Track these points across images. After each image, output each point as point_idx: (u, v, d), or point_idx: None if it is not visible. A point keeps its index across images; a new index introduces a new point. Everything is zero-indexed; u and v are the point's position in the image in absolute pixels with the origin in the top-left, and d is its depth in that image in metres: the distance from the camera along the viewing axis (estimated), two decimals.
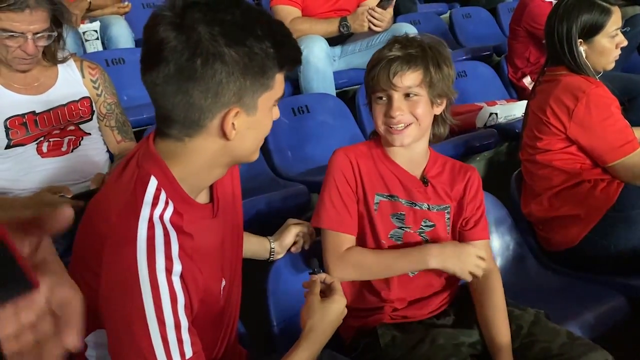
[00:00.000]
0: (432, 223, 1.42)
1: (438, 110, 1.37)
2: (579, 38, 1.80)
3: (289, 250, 1.47)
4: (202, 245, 0.97)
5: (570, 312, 1.61)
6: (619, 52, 1.85)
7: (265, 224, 1.77)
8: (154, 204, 0.91)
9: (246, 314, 1.37)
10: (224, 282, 1.07)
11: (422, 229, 1.41)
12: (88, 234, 0.95)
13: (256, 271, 1.44)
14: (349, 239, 1.38)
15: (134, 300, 0.86)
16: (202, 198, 1.03)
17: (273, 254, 1.44)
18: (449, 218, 1.43)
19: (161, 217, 0.91)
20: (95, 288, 0.89)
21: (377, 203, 1.39)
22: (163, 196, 0.93)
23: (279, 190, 2.01)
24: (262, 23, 0.90)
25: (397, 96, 1.31)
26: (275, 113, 1.00)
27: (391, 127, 1.32)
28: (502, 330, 1.34)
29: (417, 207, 1.40)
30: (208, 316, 1.01)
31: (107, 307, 0.89)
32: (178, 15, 0.87)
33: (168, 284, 0.87)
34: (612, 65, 1.87)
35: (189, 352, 0.89)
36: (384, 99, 1.33)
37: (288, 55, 0.94)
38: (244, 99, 0.91)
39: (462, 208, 1.43)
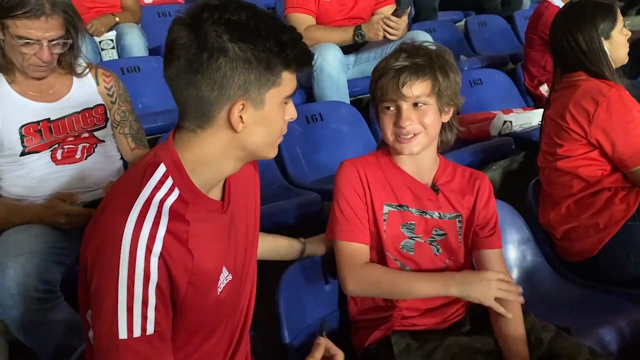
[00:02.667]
0: (443, 232, 1.40)
1: (446, 118, 1.37)
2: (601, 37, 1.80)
3: None
4: (203, 233, 1.01)
5: (588, 325, 1.57)
6: (627, 44, 1.86)
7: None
8: (157, 187, 0.97)
9: (260, 328, 1.35)
10: (227, 273, 1.09)
11: (433, 237, 1.40)
12: (96, 215, 0.99)
13: (270, 284, 1.43)
14: (363, 249, 1.37)
15: (112, 269, 0.91)
16: (214, 194, 1.07)
17: (304, 252, 1.48)
18: (460, 227, 1.41)
19: (162, 200, 0.96)
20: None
21: (386, 214, 1.38)
22: (169, 182, 0.98)
23: (292, 198, 2.00)
24: (268, 24, 0.96)
25: (406, 106, 1.31)
26: (291, 112, 1.05)
27: (400, 137, 1.33)
28: (518, 341, 1.32)
29: (427, 216, 1.39)
30: (205, 302, 1.03)
31: (90, 271, 0.94)
32: (191, 16, 0.96)
33: (145, 261, 0.92)
34: (627, 58, 1.87)
35: (150, 329, 0.92)
36: (392, 109, 1.33)
37: (293, 54, 0.98)
38: (249, 93, 0.96)
39: (474, 216, 1.42)
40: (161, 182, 0.97)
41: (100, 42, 3.00)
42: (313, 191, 2.05)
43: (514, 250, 1.90)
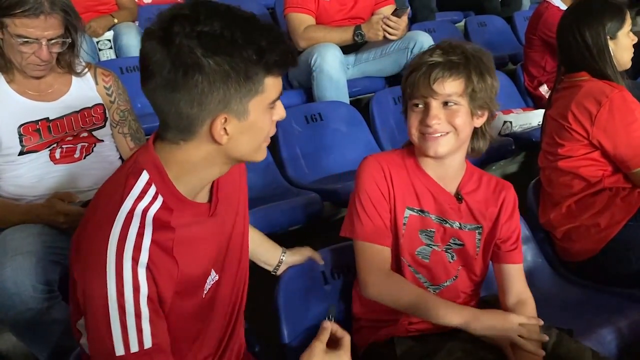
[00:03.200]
0: (461, 242, 1.36)
1: (478, 122, 1.29)
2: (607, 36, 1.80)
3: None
4: (189, 239, 0.99)
5: (590, 326, 1.57)
6: (632, 49, 1.85)
7: (279, 232, 1.75)
8: (140, 197, 0.95)
9: (260, 327, 1.35)
10: (214, 274, 1.08)
11: (449, 245, 1.36)
12: (81, 225, 0.99)
13: (268, 285, 1.43)
14: (387, 252, 1.32)
15: (100, 284, 0.89)
16: (201, 197, 1.05)
17: (278, 267, 1.44)
18: (479, 239, 1.37)
19: (145, 210, 0.94)
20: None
21: (406, 217, 1.33)
22: (152, 190, 0.96)
23: (292, 198, 2.00)
24: (243, 31, 0.91)
25: (435, 104, 1.25)
26: (279, 113, 1.01)
27: (426, 135, 1.26)
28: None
29: (447, 225, 1.35)
30: (190, 307, 1.02)
31: (79, 288, 0.93)
32: (162, 29, 0.90)
33: (132, 273, 0.90)
34: (630, 63, 1.86)
35: (148, 343, 0.90)
36: (420, 106, 1.27)
37: (274, 59, 0.94)
38: (231, 105, 0.93)
39: (497, 229, 1.36)
40: (144, 192, 0.95)
41: (97, 42, 3.00)
42: (312, 191, 2.04)
43: None
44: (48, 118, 1.68)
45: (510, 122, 2.64)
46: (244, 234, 1.19)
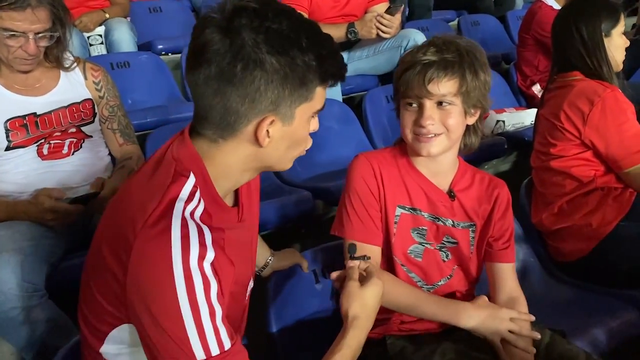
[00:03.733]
0: (455, 240, 1.35)
1: (471, 120, 1.29)
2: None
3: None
4: (231, 244, 0.97)
5: (581, 327, 1.57)
6: (624, 51, 1.86)
7: (270, 230, 1.74)
8: (189, 199, 0.92)
9: (249, 320, 1.34)
10: (251, 284, 1.08)
11: (443, 244, 1.35)
12: (121, 222, 0.92)
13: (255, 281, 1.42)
14: (376, 252, 1.31)
15: (166, 291, 0.85)
16: (228, 201, 1.03)
17: (264, 269, 1.43)
18: (473, 237, 1.36)
19: (192, 213, 0.91)
20: (121, 278, 0.89)
21: (397, 216, 1.32)
22: (198, 194, 0.93)
23: (283, 196, 1.99)
24: (308, 35, 0.91)
25: (429, 104, 1.23)
26: (314, 125, 1.00)
27: (419, 136, 1.25)
28: (525, 359, 1.26)
29: (440, 222, 1.34)
30: (232, 315, 0.99)
31: (135, 300, 0.87)
32: (226, 19, 0.88)
33: (200, 270, 0.86)
34: (622, 65, 1.87)
35: (227, 343, 0.87)
36: (414, 105, 1.25)
37: (331, 70, 0.94)
38: (280, 108, 0.91)
39: (489, 227, 1.35)
40: (192, 194, 0.92)
41: (88, 37, 2.97)
42: (304, 189, 2.03)
43: None
44: (35, 113, 1.66)
45: (503, 122, 2.64)
46: (257, 237, 1.19)
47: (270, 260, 1.43)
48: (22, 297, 1.39)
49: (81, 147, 1.74)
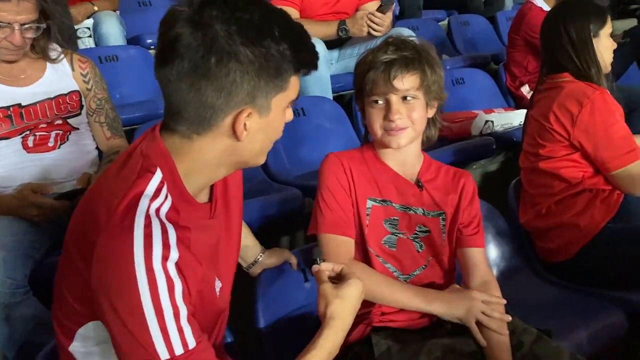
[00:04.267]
0: (427, 228, 1.39)
1: (431, 113, 1.37)
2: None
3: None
4: (200, 241, 0.96)
5: (566, 327, 1.58)
6: (612, 54, 1.88)
7: (259, 227, 1.73)
8: (155, 196, 0.90)
9: (233, 321, 1.33)
10: (219, 284, 1.05)
11: (416, 234, 1.39)
12: (86, 220, 0.91)
13: (243, 277, 1.41)
14: (349, 243, 1.34)
15: (129, 292, 0.83)
16: (202, 197, 1.02)
17: (253, 266, 1.43)
18: (444, 225, 1.41)
19: (157, 210, 0.89)
20: (87, 277, 0.87)
21: (369, 208, 1.36)
22: (164, 190, 0.92)
23: (273, 194, 1.98)
24: (281, 24, 0.89)
25: (395, 99, 1.30)
26: (289, 114, 0.99)
27: (389, 130, 1.32)
28: (500, 341, 1.30)
29: (411, 212, 1.38)
30: (203, 315, 0.98)
31: (100, 299, 0.86)
32: (195, 11, 0.86)
33: (164, 270, 0.85)
34: (610, 67, 1.89)
35: (191, 342, 0.86)
36: (380, 102, 1.32)
37: (305, 58, 0.93)
38: (257, 100, 0.90)
39: (458, 214, 1.41)
40: (158, 190, 0.90)
41: (77, 30, 2.92)
42: (294, 187, 2.02)
43: (493, 249, 1.91)
44: (20, 104, 1.63)
45: (492, 122, 2.65)
46: (239, 236, 1.16)
47: (260, 257, 1.43)
48: (3, 294, 1.37)
49: (67, 139, 1.71)
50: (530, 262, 1.92)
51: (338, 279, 1.09)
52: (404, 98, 1.31)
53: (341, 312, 1.04)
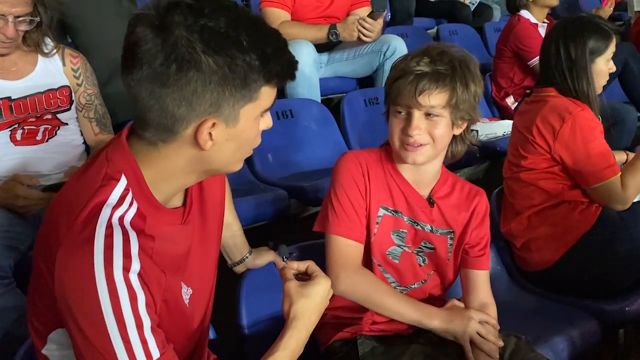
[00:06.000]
0: (432, 246, 1.37)
1: (458, 131, 1.31)
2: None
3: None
4: (165, 249, 0.93)
5: (543, 334, 1.61)
6: (607, 77, 1.90)
7: (243, 227, 1.74)
8: (118, 204, 0.87)
9: (216, 318, 1.34)
10: (189, 290, 1.02)
11: (420, 249, 1.37)
12: (49, 230, 0.89)
13: (227, 275, 1.42)
14: (359, 248, 1.32)
15: (90, 303, 0.82)
16: (175, 202, 0.99)
17: (238, 264, 1.43)
18: (451, 244, 1.39)
19: (121, 218, 0.87)
20: (52, 286, 0.85)
21: (380, 216, 1.34)
22: (129, 197, 0.89)
23: (258, 194, 1.99)
24: (250, 33, 0.85)
25: (417, 114, 1.25)
26: (266, 122, 0.95)
27: (406, 144, 1.27)
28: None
29: (419, 227, 1.36)
30: (173, 320, 0.97)
31: (62, 309, 0.85)
32: (159, 15, 0.83)
33: (126, 282, 0.83)
34: (601, 89, 1.91)
35: (155, 353, 0.84)
36: (403, 114, 1.27)
37: (276, 70, 0.89)
38: (222, 110, 0.86)
39: (466, 234, 1.38)
40: (122, 198, 0.88)
41: None
42: (280, 188, 2.03)
43: None
44: (10, 97, 1.63)
45: (477, 131, 2.68)
46: (218, 240, 1.14)
47: (247, 256, 1.42)
48: None
49: (56, 134, 1.71)
50: (509, 269, 1.95)
51: (306, 275, 1.07)
52: (428, 114, 1.25)
53: (305, 311, 1.01)
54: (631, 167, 1.78)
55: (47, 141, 1.69)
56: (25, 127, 1.65)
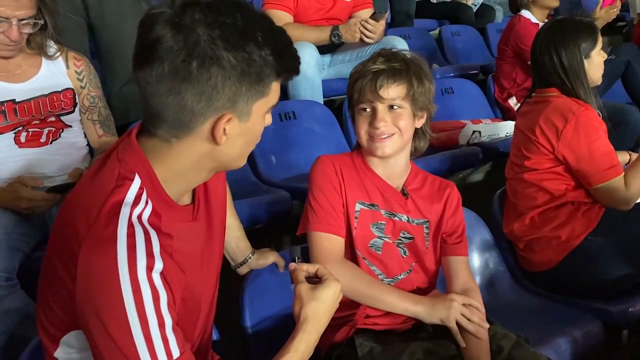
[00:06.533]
0: (410, 235, 1.43)
1: (419, 123, 1.40)
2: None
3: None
4: (181, 247, 0.95)
5: (545, 335, 1.61)
6: (603, 65, 1.92)
7: (246, 228, 1.74)
8: (135, 203, 0.89)
9: (220, 319, 1.34)
10: (202, 288, 1.04)
11: (400, 240, 1.42)
12: (66, 232, 0.90)
13: (230, 276, 1.42)
14: (340, 242, 1.37)
15: (114, 302, 0.83)
16: (184, 200, 1.01)
17: (241, 266, 1.44)
18: (427, 233, 1.44)
19: (139, 217, 0.89)
20: (70, 287, 0.86)
21: (357, 211, 1.40)
22: (144, 196, 0.91)
23: (261, 195, 1.99)
24: (263, 29, 0.89)
25: (381, 107, 1.34)
26: (268, 119, 0.99)
27: (374, 137, 1.35)
28: (479, 345, 1.34)
29: (396, 218, 1.42)
30: (187, 319, 0.98)
31: (84, 310, 0.85)
32: (177, 14, 0.85)
33: (149, 281, 0.85)
34: (601, 80, 1.93)
35: (175, 352, 0.86)
36: (368, 110, 1.37)
37: (287, 64, 0.93)
38: (237, 105, 0.89)
39: (442, 223, 1.45)
40: (138, 197, 0.89)
41: None
42: (282, 189, 2.04)
43: (477, 258, 1.93)
44: (14, 100, 1.63)
45: (479, 132, 2.68)
46: (222, 238, 1.15)
47: (250, 257, 1.44)
48: None
49: (60, 136, 1.72)
50: (512, 271, 1.95)
51: (316, 278, 1.08)
52: (391, 107, 1.35)
53: (316, 314, 1.03)
54: (634, 167, 1.78)
55: (51, 143, 1.70)
56: (29, 130, 1.66)
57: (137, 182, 0.91)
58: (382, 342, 1.34)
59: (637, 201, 1.80)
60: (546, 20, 3.17)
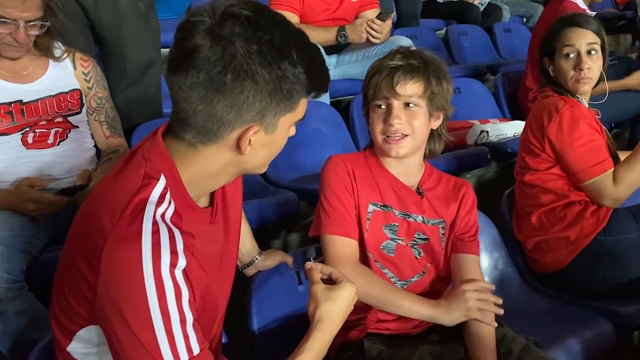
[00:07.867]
0: (426, 236, 1.40)
1: (435, 124, 1.37)
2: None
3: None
4: (202, 247, 0.97)
5: (555, 337, 1.60)
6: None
7: (253, 229, 1.74)
8: (159, 202, 0.91)
9: (227, 322, 1.34)
10: (220, 289, 1.06)
11: (415, 241, 1.40)
12: (90, 226, 0.91)
13: (237, 278, 1.42)
14: (354, 245, 1.35)
15: (137, 297, 0.85)
16: (202, 202, 1.03)
17: (248, 267, 1.44)
18: (443, 233, 1.42)
19: (162, 215, 0.91)
20: (92, 282, 0.88)
21: (370, 212, 1.37)
22: (168, 196, 0.93)
23: (268, 196, 1.99)
24: (299, 47, 0.90)
25: (397, 104, 1.31)
26: (292, 131, 1.00)
27: (389, 137, 1.32)
28: (489, 349, 1.32)
29: (410, 219, 1.39)
30: (206, 319, 0.99)
31: (105, 303, 0.87)
32: (217, 24, 0.86)
33: (172, 277, 0.86)
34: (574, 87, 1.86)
35: (196, 349, 0.88)
36: (383, 107, 1.33)
37: (318, 83, 0.95)
38: (265, 118, 0.91)
39: (456, 222, 1.42)
40: (162, 196, 0.92)
41: None
42: (290, 190, 2.03)
43: (486, 258, 1.92)
44: (22, 100, 1.64)
45: (487, 132, 2.67)
46: (237, 239, 1.17)
47: (257, 258, 1.43)
48: (1, 288, 1.37)
49: (67, 137, 1.72)
50: (521, 272, 1.94)
51: (331, 281, 1.10)
52: (407, 105, 1.31)
53: (330, 314, 1.04)
54: (627, 162, 1.74)
55: (58, 144, 1.70)
56: (36, 131, 1.66)
57: (162, 182, 0.93)
58: (391, 346, 1.32)
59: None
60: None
